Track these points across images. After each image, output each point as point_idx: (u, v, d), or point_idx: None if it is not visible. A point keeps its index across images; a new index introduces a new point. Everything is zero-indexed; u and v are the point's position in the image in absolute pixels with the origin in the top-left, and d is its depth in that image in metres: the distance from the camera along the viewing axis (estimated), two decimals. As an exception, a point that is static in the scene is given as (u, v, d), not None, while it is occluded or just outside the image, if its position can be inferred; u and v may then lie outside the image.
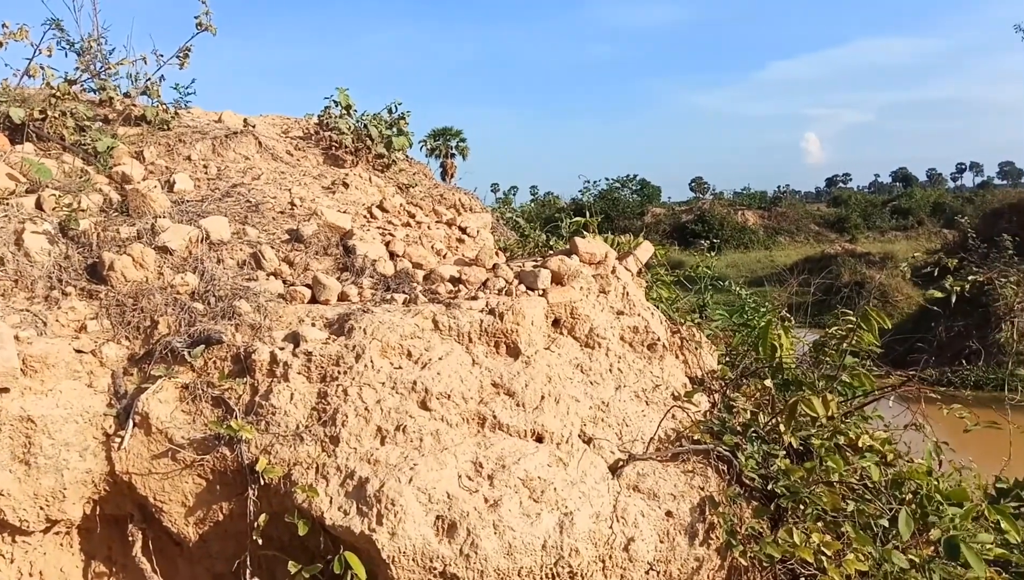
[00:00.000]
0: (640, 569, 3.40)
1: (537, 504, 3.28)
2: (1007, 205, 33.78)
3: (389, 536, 3.07)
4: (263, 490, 3.35)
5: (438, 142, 50.66)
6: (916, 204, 60.82)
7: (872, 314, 5.13)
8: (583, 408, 3.79)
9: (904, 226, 54.66)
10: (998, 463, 4.86)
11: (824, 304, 8.13)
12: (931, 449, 4.61)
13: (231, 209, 4.81)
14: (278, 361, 3.56)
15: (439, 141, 50.58)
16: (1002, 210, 32.87)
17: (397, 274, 4.21)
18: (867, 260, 33.18)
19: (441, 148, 50.72)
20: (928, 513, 3.93)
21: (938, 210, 56.94)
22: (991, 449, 5.05)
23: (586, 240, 4.44)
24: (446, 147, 50.49)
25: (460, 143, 51.66)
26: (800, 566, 3.71)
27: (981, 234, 26.31)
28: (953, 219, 32.02)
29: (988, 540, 3.63)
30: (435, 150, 50.77)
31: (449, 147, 51.00)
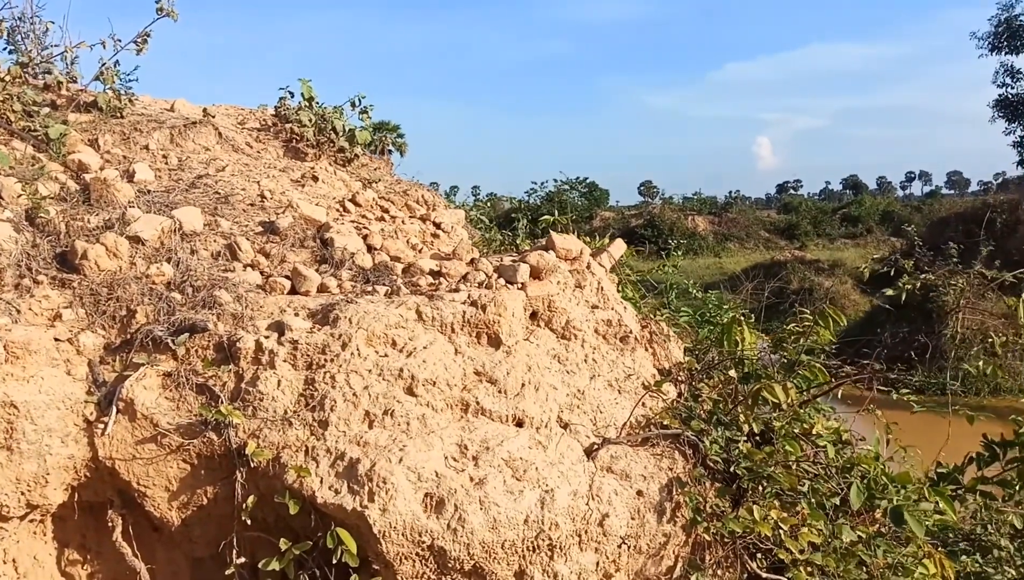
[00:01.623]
0: (613, 543, 3.80)
1: (520, 482, 3.64)
2: (953, 214, 35.49)
3: (380, 512, 3.40)
4: (251, 473, 3.63)
5: (374, 136, 50.75)
6: (866, 212, 63.16)
7: (829, 312, 5.66)
8: (560, 395, 4.17)
9: (853, 234, 56.75)
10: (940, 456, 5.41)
11: (773, 310, 8.66)
12: (879, 436, 5.14)
13: (200, 200, 5.05)
14: (264, 349, 3.84)
15: (375, 135, 50.69)
16: (948, 218, 34.53)
17: (376, 267, 4.52)
18: (816, 267, 34.46)
19: (377, 143, 50.84)
20: (875, 495, 4.42)
21: (887, 218, 59.19)
22: (933, 444, 5.59)
23: (562, 236, 4.83)
24: (382, 141, 50.63)
25: (398, 138, 51.62)
26: (759, 541, 4.17)
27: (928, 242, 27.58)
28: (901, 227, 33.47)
29: (929, 509, 4.12)
30: (371, 145, 50.86)
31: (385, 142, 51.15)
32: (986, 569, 5.24)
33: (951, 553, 5.39)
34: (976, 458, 5.22)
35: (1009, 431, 5.07)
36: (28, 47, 6.70)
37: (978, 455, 5.23)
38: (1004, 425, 5.20)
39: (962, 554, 5.42)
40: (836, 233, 58.03)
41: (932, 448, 5.54)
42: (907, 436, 5.52)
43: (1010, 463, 5.09)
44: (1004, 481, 5.12)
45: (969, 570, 5.23)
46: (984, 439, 5.21)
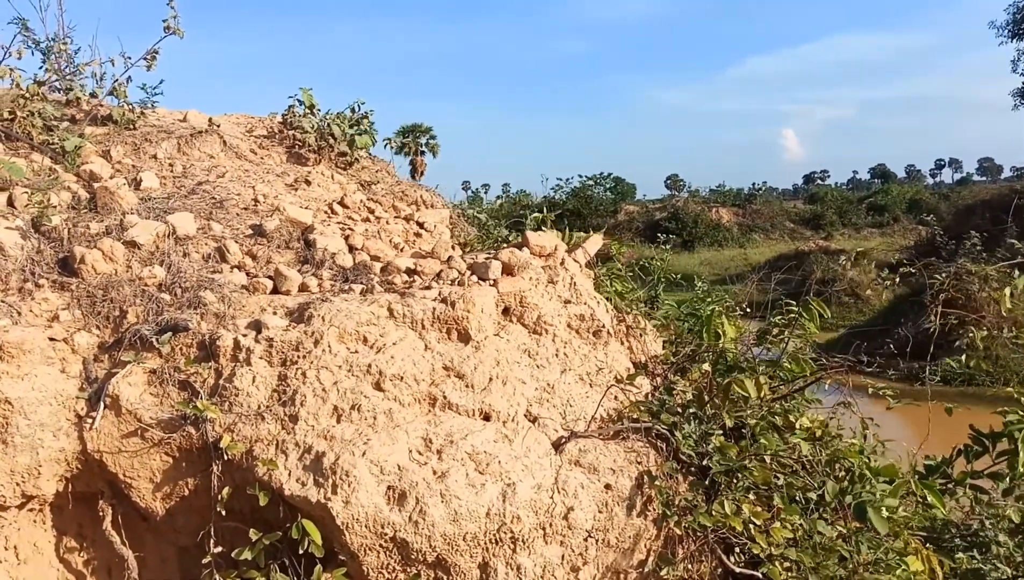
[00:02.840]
0: (579, 536, 3.77)
1: (482, 476, 3.63)
2: (979, 201, 34.57)
3: (343, 504, 3.42)
4: (226, 466, 3.68)
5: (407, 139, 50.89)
6: (892, 201, 61.82)
7: (814, 305, 5.54)
8: (529, 390, 4.15)
9: (880, 223, 55.62)
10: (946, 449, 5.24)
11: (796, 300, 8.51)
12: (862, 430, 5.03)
13: (196, 206, 5.12)
14: (241, 347, 3.88)
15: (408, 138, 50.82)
16: (974, 206, 33.63)
17: (355, 266, 4.55)
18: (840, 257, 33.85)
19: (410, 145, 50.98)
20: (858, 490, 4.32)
21: (914, 207, 57.94)
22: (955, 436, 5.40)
23: (537, 234, 4.81)
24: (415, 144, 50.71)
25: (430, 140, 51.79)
26: (731, 535, 4.10)
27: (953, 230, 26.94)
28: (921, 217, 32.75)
29: (894, 504, 4.02)
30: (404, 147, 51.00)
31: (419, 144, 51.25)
32: (981, 566, 5.10)
33: (946, 549, 5.26)
34: (964, 450, 5.08)
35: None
36: (62, 65, 6.84)
37: (966, 447, 5.08)
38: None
39: (958, 550, 5.27)
40: (862, 222, 56.86)
41: (952, 440, 5.36)
42: (921, 428, 5.36)
43: (1000, 455, 4.94)
44: (995, 474, 4.97)
45: (965, 567, 5.09)
46: (972, 431, 5.06)
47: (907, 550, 4.43)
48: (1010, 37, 37.64)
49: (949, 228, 28.72)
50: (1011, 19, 37.31)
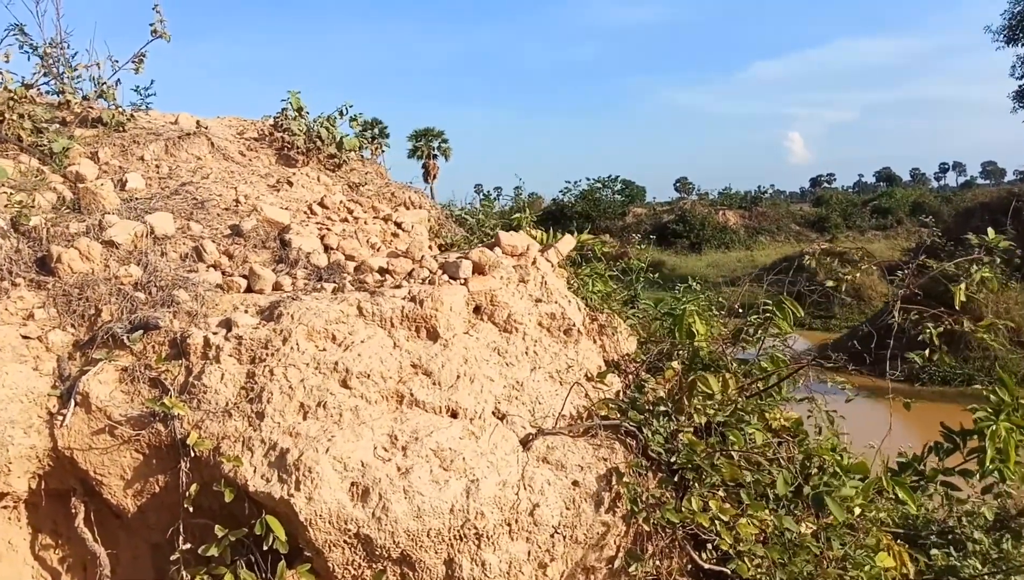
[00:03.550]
0: (545, 532, 3.74)
1: (446, 472, 3.61)
2: (979, 204, 34.41)
3: (306, 500, 3.40)
4: (194, 462, 3.67)
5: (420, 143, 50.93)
6: (896, 203, 61.64)
7: (787, 303, 5.50)
8: (497, 387, 4.13)
9: (884, 225, 55.43)
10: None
11: (799, 301, 8.47)
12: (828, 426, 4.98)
13: (178, 206, 5.12)
14: (211, 344, 3.88)
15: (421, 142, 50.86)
16: (974, 209, 33.46)
17: (330, 265, 4.54)
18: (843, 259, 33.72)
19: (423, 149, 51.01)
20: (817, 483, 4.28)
21: (917, 210, 57.67)
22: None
23: (509, 233, 4.79)
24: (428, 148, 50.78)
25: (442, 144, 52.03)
26: (700, 531, 4.06)
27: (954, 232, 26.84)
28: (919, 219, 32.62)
29: (850, 494, 3.98)
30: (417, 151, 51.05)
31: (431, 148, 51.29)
32: (956, 563, 5.05)
33: (922, 547, 5.21)
34: (935, 447, 5.03)
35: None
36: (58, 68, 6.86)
37: (937, 444, 5.03)
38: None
39: (933, 547, 5.23)
40: (866, 225, 56.73)
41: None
42: (921, 426, 5.30)
43: (971, 453, 4.88)
44: (965, 471, 4.91)
45: (940, 564, 5.05)
46: (943, 428, 5.00)
47: (878, 547, 4.40)
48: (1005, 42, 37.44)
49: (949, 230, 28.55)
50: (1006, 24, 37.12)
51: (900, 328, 5.09)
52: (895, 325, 4.71)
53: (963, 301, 5.03)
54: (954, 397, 18.13)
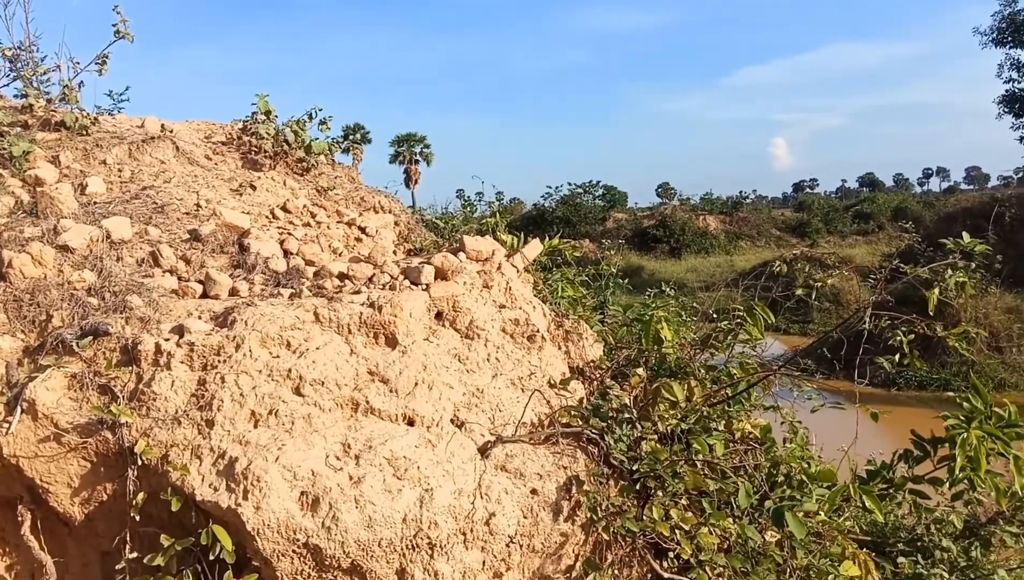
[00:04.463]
0: (501, 542, 3.69)
1: (400, 481, 3.55)
2: (960, 209, 34.72)
3: (254, 510, 3.34)
4: (142, 470, 3.60)
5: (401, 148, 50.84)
6: (878, 209, 62.04)
7: (758, 309, 5.48)
8: (457, 394, 4.07)
9: (865, 231, 55.77)
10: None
11: (774, 307, 8.48)
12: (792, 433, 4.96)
13: (137, 210, 5.04)
14: (162, 351, 3.80)
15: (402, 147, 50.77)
16: (956, 214, 33.77)
17: (289, 271, 4.48)
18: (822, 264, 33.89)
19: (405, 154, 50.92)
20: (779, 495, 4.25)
21: (900, 215, 58.10)
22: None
23: (474, 238, 4.74)
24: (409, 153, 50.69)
25: (424, 149, 51.95)
26: (660, 540, 4.02)
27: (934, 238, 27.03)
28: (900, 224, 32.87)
29: (812, 508, 3.95)
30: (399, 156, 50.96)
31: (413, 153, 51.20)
32: (923, 571, 5.03)
33: (890, 555, 5.19)
34: (905, 455, 5.01)
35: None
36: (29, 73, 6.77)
37: (907, 452, 5.02)
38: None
39: (901, 555, 5.21)
40: (848, 230, 57.08)
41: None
42: (899, 431, 5.27)
43: (942, 460, 4.86)
44: (935, 479, 4.89)
45: (907, 572, 5.02)
46: (913, 435, 4.99)
47: (844, 555, 4.37)
48: (994, 43, 37.85)
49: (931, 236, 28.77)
50: (996, 26, 37.55)
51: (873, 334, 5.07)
52: (865, 331, 4.69)
53: (938, 306, 5.01)
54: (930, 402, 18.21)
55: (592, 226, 50.40)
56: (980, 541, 5.21)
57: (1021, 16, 36.45)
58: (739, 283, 9.35)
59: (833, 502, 4.37)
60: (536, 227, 40.99)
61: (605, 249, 7.32)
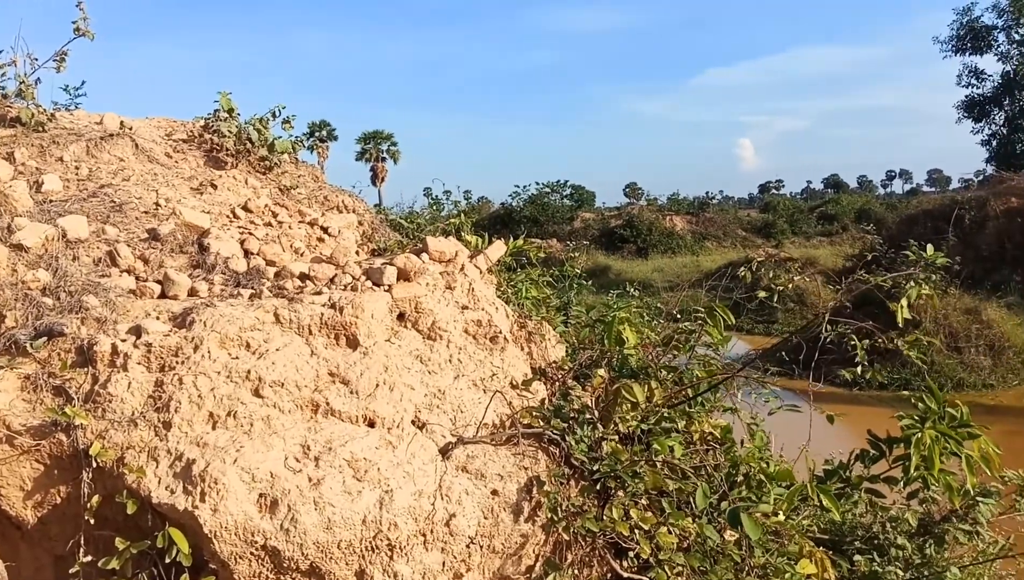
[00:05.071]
0: (461, 542, 3.70)
1: (360, 482, 3.55)
2: (922, 211, 35.28)
3: (211, 512, 3.32)
4: (97, 473, 3.56)
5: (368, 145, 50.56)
6: (842, 210, 62.91)
7: (718, 310, 5.53)
8: (418, 396, 4.08)
9: (829, 232, 56.50)
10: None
11: (738, 308, 8.59)
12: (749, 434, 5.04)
13: (95, 209, 4.98)
14: (119, 352, 3.76)
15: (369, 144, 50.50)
16: (917, 216, 34.31)
17: (249, 271, 4.45)
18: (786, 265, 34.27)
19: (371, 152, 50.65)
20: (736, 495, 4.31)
21: (863, 216, 58.93)
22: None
23: (437, 239, 4.75)
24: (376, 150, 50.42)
25: (391, 146, 51.75)
26: (620, 540, 4.06)
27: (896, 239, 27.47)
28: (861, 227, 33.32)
29: (767, 510, 4.02)
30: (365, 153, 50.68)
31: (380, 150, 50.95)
32: (879, 569, 5.13)
33: (846, 553, 5.28)
34: (861, 455, 5.10)
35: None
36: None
37: (863, 452, 5.10)
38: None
39: (857, 553, 5.30)
40: (813, 231, 57.82)
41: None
42: (860, 430, 5.35)
43: (896, 460, 4.96)
44: (889, 478, 4.99)
45: (863, 569, 5.12)
46: (870, 435, 5.08)
47: (801, 553, 4.44)
48: (953, 52, 38.64)
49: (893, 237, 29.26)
50: (954, 35, 38.35)
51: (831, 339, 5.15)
52: (822, 336, 4.78)
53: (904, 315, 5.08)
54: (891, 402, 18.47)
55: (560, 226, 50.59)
56: (934, 539, 5.33)
57: (980, 23, 37.27)
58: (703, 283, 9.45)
59: (791, 502, 4.44)
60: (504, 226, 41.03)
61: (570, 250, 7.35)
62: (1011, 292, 27.08)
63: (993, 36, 37.35)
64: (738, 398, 5.20)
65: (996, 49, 37.43)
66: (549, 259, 7.72)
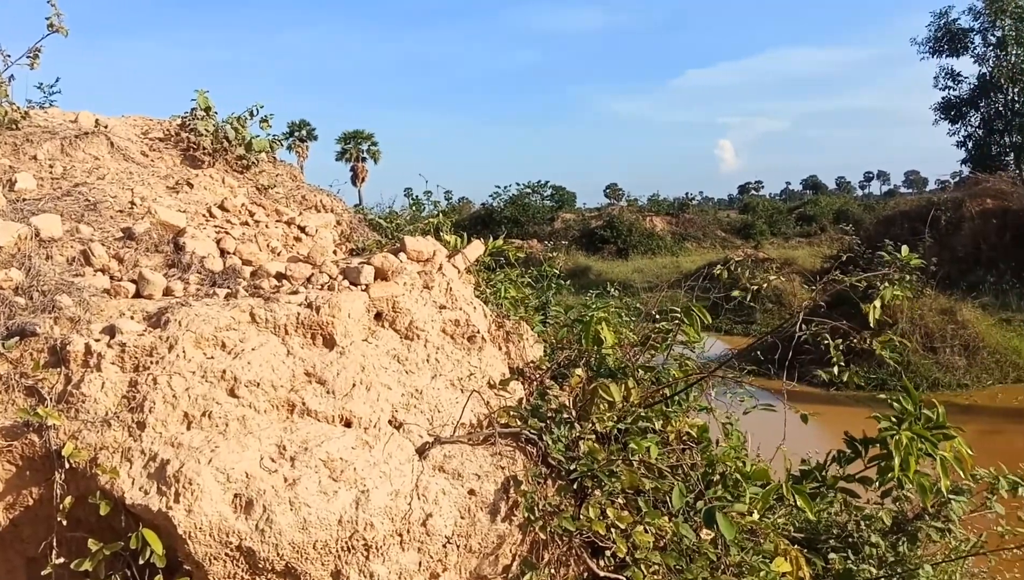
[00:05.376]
0: (438, 542, 3.71)
1: (336, 483, 3.55)
2: (899, 212, 35.65)
3: (186, 513, 3.30)
4: (70, 474, 3.53)
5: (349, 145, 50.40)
6: (820, 211, 63.48)
7: (695, 310, 5.57)
8: (395, 395, 4.08)
9: (808, 233, 56.97)
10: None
11: (717, 308, 8.63)
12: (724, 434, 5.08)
13: (69, 208, 4.94)
14: (92, 352, 3.74)
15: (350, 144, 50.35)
16: (894, 217, 34.68)
17: (225, 270, 4.43)
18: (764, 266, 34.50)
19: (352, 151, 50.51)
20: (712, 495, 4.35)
21: (841, 217, 59.41)
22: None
23: (415, 239, 4.75)
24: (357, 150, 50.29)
25: (372, 146, 51.62)
26: (597, 539, 4.09)
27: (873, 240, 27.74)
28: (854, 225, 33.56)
29: (742, 509, 4.05)
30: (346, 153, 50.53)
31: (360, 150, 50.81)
32: (852, 567, 5.18)
33: (821, 551, 5.33)
34: (837, 455, 5.15)
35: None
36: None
37: (840, 452, 5.15)
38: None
39: (832, 551, 5.35)
40: (791, 232, 58.29)
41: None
42: (838, 430, 5.39)
43: (872, 460, 5.01)
44: (864, 478, 5.04)
45: (838, 567, 5.17)
46: (846, 436, 5.13)
47: (776, 552, 4.48)
48: (930, 53, 39.05)
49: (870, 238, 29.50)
50: (931, 37, 38.75)
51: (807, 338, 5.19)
52: (796, 335, 4.82)
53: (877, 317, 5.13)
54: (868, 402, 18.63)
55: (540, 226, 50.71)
56: (907, 537, 5.38)
57: (957, 26, 37.69)
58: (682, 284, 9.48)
59: (766, 501, 4.48)
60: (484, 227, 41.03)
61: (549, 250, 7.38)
62: (986, 293, 27.44)
63: (969, 38, 37.79)
64: (712, 397, 5.23)
65: (972, 51, 37.87)
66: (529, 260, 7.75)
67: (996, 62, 36.89)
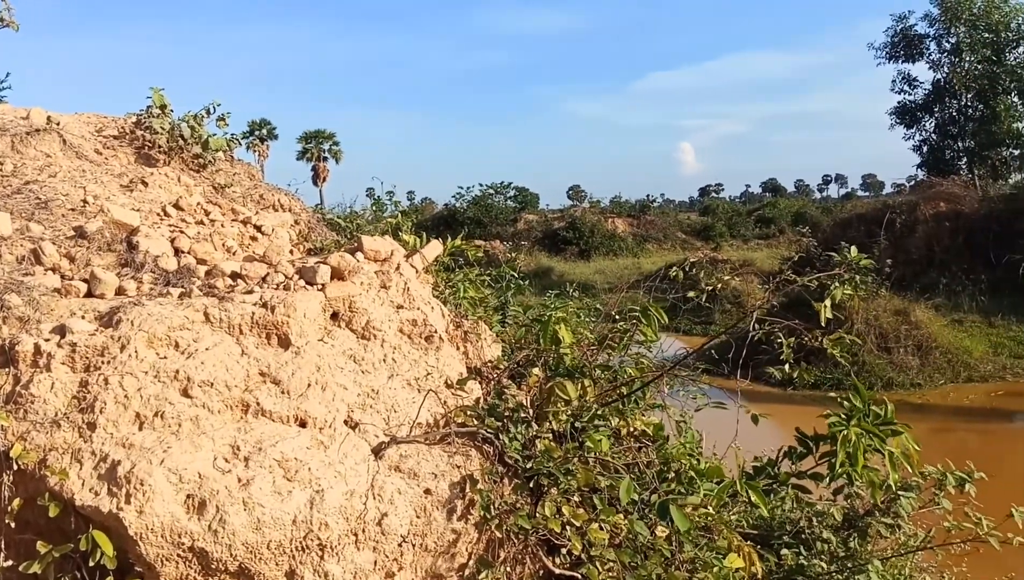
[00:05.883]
0: (393, 541, 3.73)
1: (290, 483, 3.55)
2: (855, 215, 36.28)
3: (137, 514, 3.28)
4: (19, 475, 3.48)
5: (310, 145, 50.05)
6: (779, 213, 64.42)
7: (652, 310, 5.64)
8: (351, 395, 4.09)
9: (766, 235, 57.77)
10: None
11: (676, 308, 8.72)
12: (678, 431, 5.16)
13: (19, 206, 4.86)
14: (42, 352, 3.69)
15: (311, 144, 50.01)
16: (851, 219, 35.29)
17: (179, 270, 4.40)
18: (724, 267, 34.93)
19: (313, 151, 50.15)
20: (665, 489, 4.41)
21: (800, 220, 60.27)
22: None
23: (372, 238, 4.76)
24: (318, 150, 49.96)
25: (333, 146, 51.32)
26: (552, 537, 4.13)
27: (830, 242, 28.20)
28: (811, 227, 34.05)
29: (696, 502, 4.12)
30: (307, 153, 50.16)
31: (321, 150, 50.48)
32: (804, 562, 5.27)
33: (774, 547, 5.43)
34: (789, 452, 5.24)
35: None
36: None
37: (791, 449, 5.24)
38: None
39: (784, 547, 5.44)
40: (750, 234, 59.08)
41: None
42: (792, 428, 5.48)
43: (823, 457, 5.10)
44: (815, 474, 5.13)
45: (790, 563, 5.26)
46: (797, 433, 5.23)
47: (730, 548, 4.56)
48: (887, 59, 39.79)
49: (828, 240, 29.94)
50: (888, 42, 39.47)
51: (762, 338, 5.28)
52: (750, 334, 4.91)
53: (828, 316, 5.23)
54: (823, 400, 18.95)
55: (503, 227, 50.84)
56: (858, 532, 5.50)
57: (914, 31, 38.44)
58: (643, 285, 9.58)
59: (720, 497, 4.56)
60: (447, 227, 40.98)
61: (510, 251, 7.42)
62: (939, 294, 28.02)
63: (925, 44, 38.56)
64: (666, 394, 5.31)
65: (928, 57, 38.65)
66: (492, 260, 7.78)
67: (951, 68, 37.69)
